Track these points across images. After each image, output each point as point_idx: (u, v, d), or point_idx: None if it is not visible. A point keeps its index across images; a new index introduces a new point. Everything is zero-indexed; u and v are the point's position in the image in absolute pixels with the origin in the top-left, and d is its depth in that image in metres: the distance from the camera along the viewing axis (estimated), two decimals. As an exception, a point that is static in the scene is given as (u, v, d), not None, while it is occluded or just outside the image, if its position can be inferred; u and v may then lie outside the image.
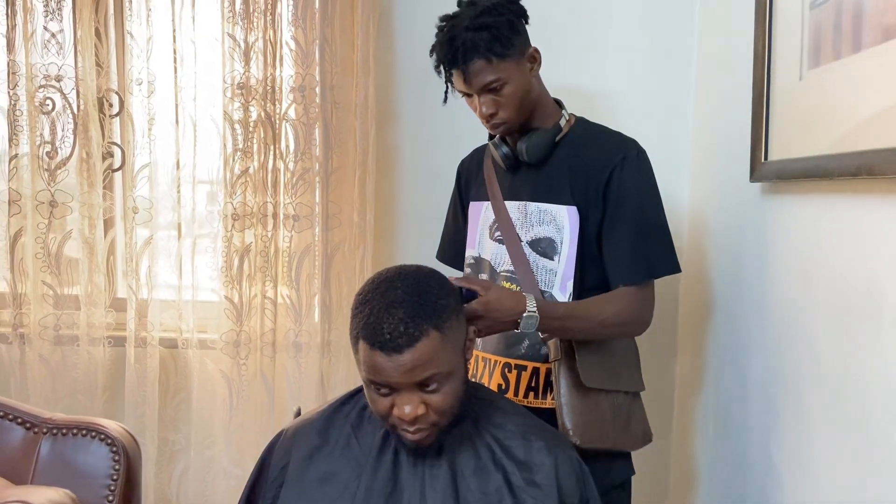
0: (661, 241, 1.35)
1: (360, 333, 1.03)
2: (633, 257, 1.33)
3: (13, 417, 1.32)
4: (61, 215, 1.89)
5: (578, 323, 1.30)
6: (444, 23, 1.34)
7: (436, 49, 1.35)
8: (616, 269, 1.34)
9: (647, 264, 1.34)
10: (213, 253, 1.90)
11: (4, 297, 1.91)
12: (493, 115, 1.35)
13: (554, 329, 1.30)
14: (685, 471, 1.83)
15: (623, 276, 1.33)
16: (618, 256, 1.34)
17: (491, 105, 1.33)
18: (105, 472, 1.29)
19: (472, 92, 1.33)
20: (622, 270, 1.33)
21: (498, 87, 1.32)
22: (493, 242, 1.45)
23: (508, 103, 1.33)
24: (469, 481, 1.10)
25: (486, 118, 1.36)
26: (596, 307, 1.32)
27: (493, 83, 1.31)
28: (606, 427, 1.34)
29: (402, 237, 1.95)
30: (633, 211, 1.33)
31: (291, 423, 1.23)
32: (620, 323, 1.33)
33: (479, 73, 1.30)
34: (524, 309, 1.24)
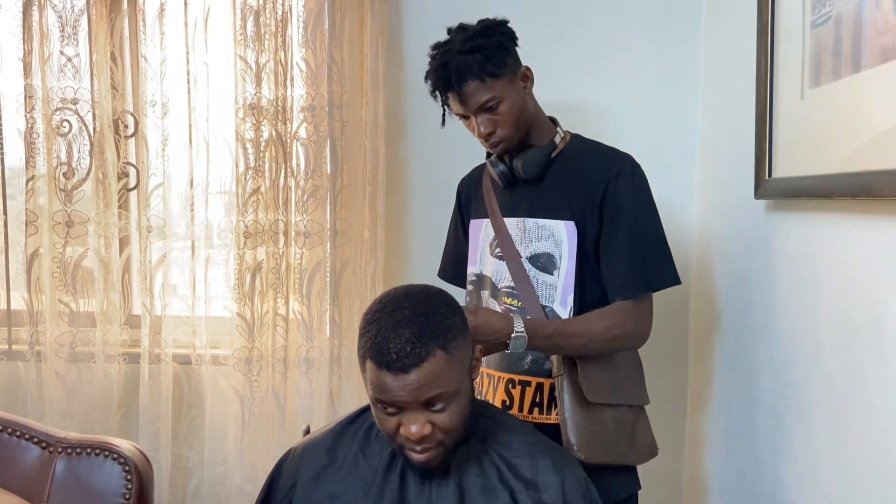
0: (658, 254, 1.36)
1: (367, 353, 1.04)
2: (629, 271, 1.33)
3: (29, 437, 1.34)
4: (77, 234, 1.92)
5: (570, 340, 1.31)
6: (436, 50, 1.38)
7: (430, 75, 1.38)
8: (613, 283, 1.35)
9: (643, 278, 1.34)
10: (226, 270, 1.93)
11: (21, 315, 1.94)
12: (491, 134, 1.37)
13: (544, 347, 1.32)
14: (696, 485, 1.82)
15: (620, 291, 1.34)
16: (614, 271, 1.34)
17: (488, 124, 1.36)
18: (118, 492, 1.31)
19: (469, 113, 1.36)
20: (618, 285, 1.34)
21: (494, 106, 1.34)
22: (494, 259, 1.46)
23: (505, 121, 1.36)
24: (476, 500, 1.11)
25: (484, 137, 1.38)
26: (587, 324, 1.32)
27: (489, 102, 1.33)
28: (611, 441, 1.34)
29: (411, 253, 1.97)
30: (628, 225, 1.33)
31: (300, 442, 1.24)
32: (613, 338, 1.33)
33: (475, 94, 1.33)
34: (512, 330, 1.25)
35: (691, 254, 1.86)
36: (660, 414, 1.50)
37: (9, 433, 1.34)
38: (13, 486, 1.28)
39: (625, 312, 1.33)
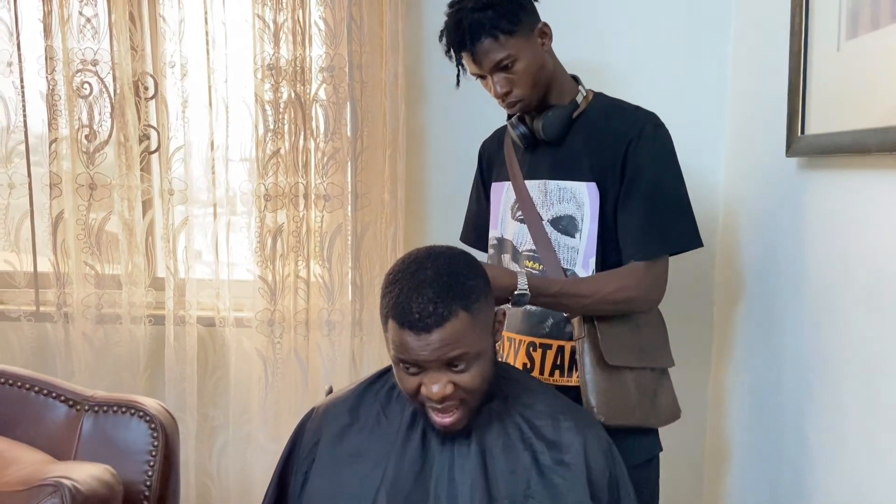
0: (678, 216, 1.32)
1: (389, 313, 1.04)
2: (645, 232, 1.30)
3: (56, 395, 1.37)
4: (101, 197, 1.93)
5: (575, 300, 1.29)
6: (450, 8, 1.34)
7: (444, 35, 1.34)
8: (627, 243, 1.32)
9: (659, 239, 1.31)
10: (248, 233, 1.93)
11: (48, 278, 1.97)
12: (507, 94, 1.34)
13: (549, 305, 1.31)
14: (719, 448, 1.82)
15: (633, 251, 1.31)
16: (629, 231, 1.32)
17: (504, 84, 1.32)
18: (144, 449, 1.33)
19: (485, 73, 1.32)
20: (632, 245, 1.31)
21: (509, 65, 1.30)
22: (515, 222, 1.44)
23: (522, 80, 1.32)
24: (497, 460, 1.11)
25: (501, 97, 1.35)
26: (595, 284, 1.30)
27: (504, 61, 1.30)
28: (632, 404, 1.33)
29: (432, 216, 1.95)
30: (647, 184, 1.30)
31: (322, 402, 1.25)
32: (620, 301, 1.30)
33: (489, 52, 1.29)
34: (515, 287, 1.24)
35: (718, 215, 1.82)
36: (683, 375, 1.49)
37: (36, 391, 1.37)
38: (41, 443, 1.31)
39: (636, 274, 1.30)
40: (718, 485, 1.81)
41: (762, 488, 1.52)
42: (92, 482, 1.18)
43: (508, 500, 1.09)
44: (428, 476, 1.11)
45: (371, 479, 1.12)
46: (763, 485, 1.52)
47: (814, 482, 1.26)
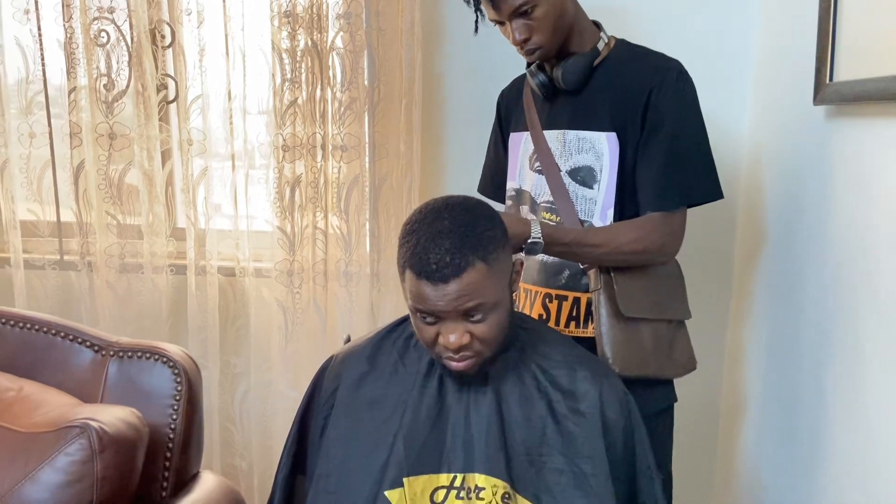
0: (699, 167, 1.30)
1: (406, 263, 1.04)
2: (664, 183, 1.28)
3: (82, 340, 1.40)
4: (120, 147, 1.93)
5: (589, 250, 1.28)
6: None
7: None
8: (645, 194, 1.30)
9: (677, 190, 1.29)
10: (266, 184, 1.94)
11: (72, 227, 1.99)
12: (526, 41, 1.30)
13: (562, 255, 1.30)
14: (735, 399, 1.82)
15: (651, 202, 1.29)
16: (648, 181, 1.30)
17: (523, 30, 1.29)
18: (168, 393, 1.36)
19: (504, 19, 1.29)
20: (650, 196, 1.30)
21: (529, 10, 1.27)
22: (534, 173, 1.43)
23: (541, 26, 1.29)
24: (513, 408, 1.12)
25: (520, 44, 1.32)
26: (610, 234, 1.29)
27: (523, 6, 1.26)
28: (647, 356, 1.33)
29: (449, 167, 1.94)
30: (668, 134, 1.28)
31: (341, 350, 1.27)
32: (635, 252, 1.29)
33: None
34: (529, 235, 1.23)
35: (741, 166, 1.79)
36: (701, 327, 1.49)
37: (62, 337, 1.40)
38: (68, 386, 1.35)
39: (652, 226, 1.29)
40: (734, 435, 1.82)
41: (778, 439, 1.53)
42: (118, 424, 1.21)
43: (524, 447, 1.11)
44: (444, 423, 1.13)
45: (389, 424, 1.14)
46: (779, 435, 1.53)
47: (830, 432, 1.27)
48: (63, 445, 1.16)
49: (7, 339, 1.40)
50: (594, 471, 1.09)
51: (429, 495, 1.10)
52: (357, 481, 1.12)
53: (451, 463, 1.11)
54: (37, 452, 1.16)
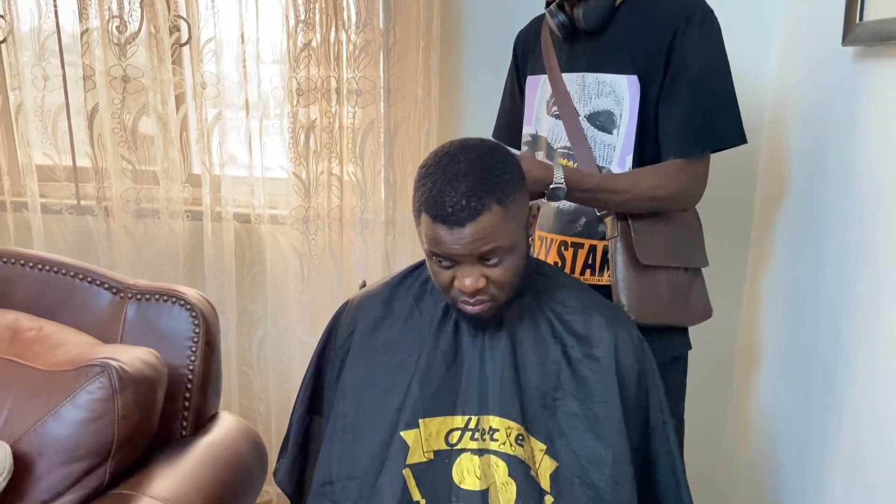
0: (723, 111, 1.26)
1: (422, 206, 1.03)
2: (687, 128, 1.25)
3: (100, 283, 1.41)
4: (134, 91, 1.92)
5: (611, 196, 1.26)
6: None
7: None
8: (668, 139, 1.27)
9: (702, 136, 1.26)
10: (280, 129, 1.92)
11: (87, 172, 2.00)
12: None
13: (585, 201, 1.28)
14: (751, 347, 1.82)
15: (674, 148, 1.26)
16: (671, 126, 1.26)
17: None
18: (186, 335, 1.38)
19: None
20: (673, 141, 1.26)
21: None
22: (551, 118, 1.39)
23: None
24: (528, 352, 1.12)
25: None
26: (633, 180, 1.26)
27: None
28: (663, 303, 1.32)
29: (467, 112, 1.91)
30: (692, 77, 1.24)
31: (356, 295, 1.27)
32: (658, 198, 1.27)
33: None
34: (552, 180, 1.21)
35: (765, 110, 1.75)
36: (718, 275, 1.47)
37: (81, 279, 1.41)
38: (87, 328, 1.37)
39: (676, 171, 1.26)
40: (748, 383, 1.83)
41: (793, 388, 1.53)
42: (138, 364, 1.23)
43: (538, 391, 1.11)
44: (460, 367, 1.13)
45: (404, 368, 1.14)
46: (795, 384, 1.52)
47: (847, 382, 1.26)
48: (84, 383, 1.18)
49: (27, 280, 1.42)
50: (607, 414, 1.10)
51: (443, 436, 1.11)
52: (373, 422, 1.14)
53: (466, 405, 1.11)
54: (58, 390, 1.18)
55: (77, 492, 1.18)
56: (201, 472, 1.29)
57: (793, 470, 1.50)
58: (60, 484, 1.16)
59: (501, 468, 1.09)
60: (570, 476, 1.09)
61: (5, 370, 1.23)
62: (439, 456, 1.10)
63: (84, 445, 1.17)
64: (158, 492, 1.21)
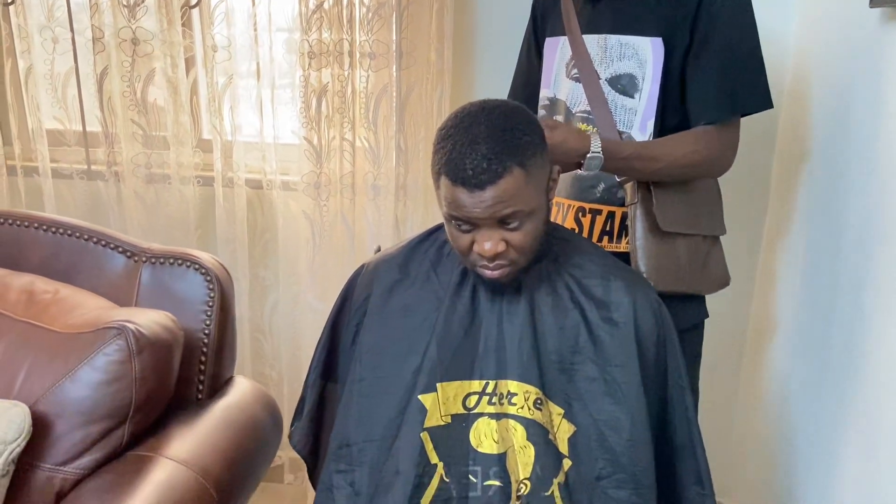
0: (752, 76, 1.24)
1: (442, 169, 1.01)
2: (718, 93, 1.23)
3: (114, 246, 1.40)
4: (143, 53, 1.89)
5: (647, 164, 1.24)
6: None
7: None
8: (698, 105, 1.25)
9: (732, 101, 1.24)
10: (292, 93, 1.89)
11: (97, 137, 1.98)
12: None
13: (620, 170, 1.25)
14: (766, 317, 1.81)
15: (705, 113, 1.24)
16: (701, 91, 1.24)
17: None
18: (201, 299, 1.37)
19: None
20: (704, 107, 1.24)
21: None
22: (570, 81, 1.37)
23: None
24: (546, 317, 1.12)
25: None
26: (668, 147, 1.25)
27: None
28: (682, 271, 1.31)
29: (481, 76, 1.88)
30: (722, 40, 1.21)
31: (372, 258, 1.26)
32: (694, 164, 1.25)
33: None
34: (588, 150, 1.19)
35: (786, 74, 1.71)
36: (731, 243, 1.45)
37: (94, 242, 1.40)
38: (102, 291, 1.36)
39: (709, 137, 1.25)
40: (762, 353, 1.82)
41: (809, 357, 1.53)
42: (154, 327, 1.23)
43: (556, 355, 1.11)
44: (477, 331, 1.13)
45: (421, 331, 1.14)
46: (811, 353, 1.52)
47: (867, 350, 1.25)
48: (101, 346, 1.18)
49: (40, 243, 1.41)
50: (626, 379, 1.10)
51: (461, 400, 1.11)
52: (390, 386, 1.13)
53: (484, 370, 1.11)
54: (76, 352, 1.18)
55: (96, 453, 1.18)
56: (218, 434, 1.30)
57: (805, 440, 1.50)
58: (79, 445, 1.17)
59: (520, 432, 1.09)
60: (588, 440, 1.09)
61: (23, 332, 1.22)
62: (456, 420, 1.10)
63: (102, 407, 1.17)
64: (176, 453, 1.22)
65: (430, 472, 1.09)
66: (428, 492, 1.09)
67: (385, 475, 1.11)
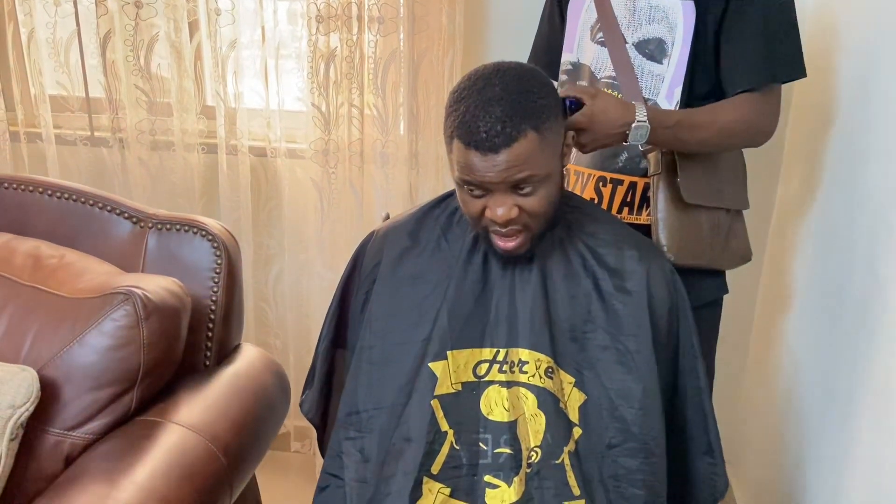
0: (790, 41, 1.21)
1: (454, 132, 0.99)
2: (758, 59, 1.19)
3: (120, 212, 1.38)
4: (147, 17, 1.86)
5: (695, 132, 1.20)
6: None
7: None
8: (735, 70, 1.21)
9: (771, 66, 1.21)
10: (298, 59, 1.86)
11: (101, 103, 1.95)
12: None
13: (666, 140, 1.21)
14: (777, 291, 1.79)
15: (743, 79, 1.21)
16: (739, 56, 1.20)
17: None
18: (208, 266, 1.36)
19: None
20: (742, 74, 1.21)
21: None
22: (595, 45, 1.33)
23: None
24: (558, 285, 1.10)
25: None
26: (713, 114, 1.21)
27: None
28: (704, 245, 1.29)
29: (494, 42, 1.84)
30: (762, 5, 1.18)
31: (382, 225, 1.24)
32: (739, 132, 1.22)
33: None
34: (633, 119, 1.14)
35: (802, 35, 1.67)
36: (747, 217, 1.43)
37: (100, 207, 1.39)
38: (109, 257, 1.35)
39: (753, 104, 1.21)
40: (772, 323, 1.80)
41: (821, 326, 1.51)
42: (161, 292, 1.21)
43: (568, 323, 1.09)
44: (488, 299, 1.11)
45: (432, 299, 1.13)
46: (823, 322, 1.50)
47: (883, 320, 1.23)
48: (109, 311, 1.17)
49: (46, 208, 1.40)
50: (638, 348, 1.08)
51: (471, 368, 1.10)
52: (400, 353, 1.13)
53: (495, 338, 1.10)
54: (83, 317, 1.17)
55: (104, 418, 1.18)
56: (226, 401, 1.29)
57: (818, 413, 1.49)
58: (88, 410, 1.16)
59: (531, 400, 1.08)
60: (599, 409, 1.08)
61: (30, 297, 1.21)
62: (467, 387, 1.10)
63: (110, 372, 1.17)
64: (184, 419, 1.21)
65: (440, 440, 1.09)
66: (438, 459, 1.09)
67: (395, 442, 1.10)
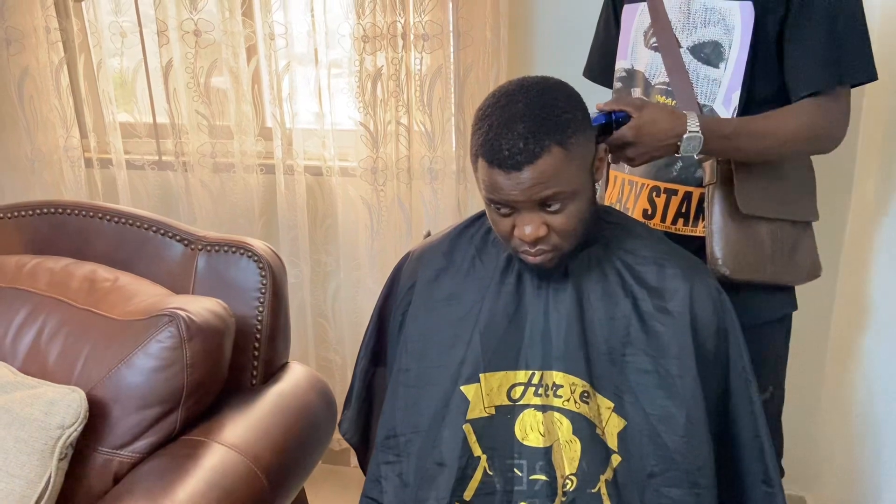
0: (858, 42, 1.13)
1: (478, 151, 0.97)
2: (824, 63, 1.12)
3: (172, 235, 1.44)
4: (206, 44, 1.93)
5: (754, 141, 1.13)
6: None
7: None
8: (801, 74, 1.14)
9: (838, 69, 1.13)
10: (348, 78, 1.89)
11: (166, 128, 2.04)
12: None
13: (723, 150, 1.14)
14: (853, 307, 1.67)
15: (810, 83, 1.13)
16: (804, 60, 1.13)
17: None
18: (254, 286, 1.39)
19: None
20: (809, 77, 1.13)
21: None
22: (649, 50, 1.27)
23: None
24: (595, 305, 1.06)
25: None
26: (775, 121, 1.14)
27: None
28: (764, 258, 1.20)
29: (539, 56, 1.81)
30: (826, 6, 1.10)
31: (417, 246, 1.24)
32: (805, 139, 1.15)
33: None
34: (684, 129, 1.09)
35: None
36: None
37: (154, 231, 1.44)
38: (161, 279, 1.40)
39: (819, 110, 1.13)
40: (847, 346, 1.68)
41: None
42: (205, 314, 1.24)
43: (606, 346, 1.05)
44: (522, 319, 1.08)
45: (466, 320, 1.10)
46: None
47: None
48: (154, 333, 1.20)
49: (105, 233, 1.46)
50: (681, 372, 1.03)
51: (505, 391, 1.07)
52: (435, 376, 1.11)
53: (529, 360, 1.07)
54: (131, 339, 1.22)
55: (150, 437, 1.22)
56: (270, 420, 1.31)
57: (894, 435, 1.38)
58: (134, 429, 1.21)
59: (565, 425, 1.04)
60: (640, 435, 1.03)
61: (83, 320, 1.27)
62: (501, 411, 1.07)
63: (156, 392, 1.20)
64: (228, 438, 1.24)
65: (473, 465, 1.06)
66: (471, 484, 1.06)
67: (429, 467, 1.09)
